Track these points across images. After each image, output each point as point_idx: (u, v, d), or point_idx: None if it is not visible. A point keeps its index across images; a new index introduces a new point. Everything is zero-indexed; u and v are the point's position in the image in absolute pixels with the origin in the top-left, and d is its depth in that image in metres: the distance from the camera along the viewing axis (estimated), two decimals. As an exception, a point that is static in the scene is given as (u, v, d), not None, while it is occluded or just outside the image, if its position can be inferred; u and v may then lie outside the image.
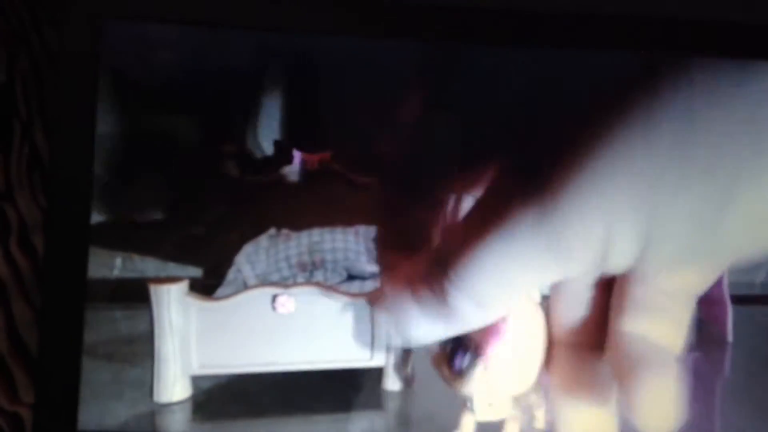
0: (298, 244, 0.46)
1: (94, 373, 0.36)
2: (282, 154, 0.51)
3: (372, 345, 0.36)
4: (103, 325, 0.41)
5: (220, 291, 0.44)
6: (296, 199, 0.52)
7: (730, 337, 0.47)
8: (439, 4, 0.31)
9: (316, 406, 0.36)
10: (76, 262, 0.34)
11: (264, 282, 0.44)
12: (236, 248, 0.46)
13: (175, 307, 0.35)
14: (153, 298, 0.35)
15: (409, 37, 0.32)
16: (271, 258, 0.46)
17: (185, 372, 0.36)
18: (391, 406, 0.36)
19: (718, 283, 0.47)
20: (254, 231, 0.48)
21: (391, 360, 0.36)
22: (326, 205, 0.51)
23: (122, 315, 0.45)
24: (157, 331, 0.35)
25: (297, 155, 0.51)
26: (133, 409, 0.36)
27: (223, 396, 0.37)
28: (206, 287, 0.50)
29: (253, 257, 0.46)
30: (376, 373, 0.36)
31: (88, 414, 0.34)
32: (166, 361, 0.35)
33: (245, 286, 0.44)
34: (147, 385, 0.37)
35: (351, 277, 0.47)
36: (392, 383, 0.36)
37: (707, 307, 0.50)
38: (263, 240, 0.47)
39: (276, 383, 0.37)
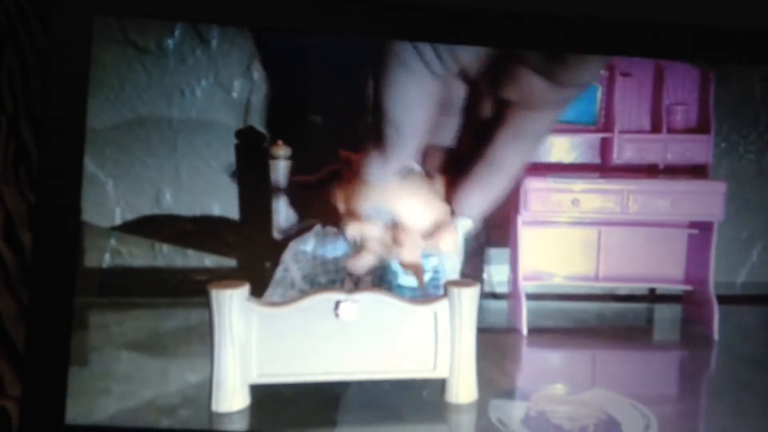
0: (345, 243, 0.45)
1: (83, 367, 0.35)
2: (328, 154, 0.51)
3: (435, 355, 0.34)
4: (90, 318, 0.41)
5: (269, 291, 0.42)
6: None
7: (716, 336, 0.47)
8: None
9: (373, 417, 0.35)
10: (65, 256, 0.34)
11: (311, 283, 0.43)
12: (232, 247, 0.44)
13: (236, 313, 0.33)
14: (214, 304, 0.33)
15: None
16: (318, 257, 0.45)
17: (245, 381, 0.34)
18: (453, 418, 0.34)
19: (705, 285, 0.48)
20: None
21: (455, 372, 0.34)
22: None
23: (110, 307, 0.45)
24: (217, 338, 0.33)
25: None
26: (120, 404, 0.36)
27: (279, 405, 0.36)
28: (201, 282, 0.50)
29: (300, 256, 0.45)
30: (438, 384, 0.35)
31: (75, 408, 0.34)
32: (226, 369, 0.33)
33: (293, 286, 0.43)
34: (137, 380, 0.37)
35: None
36: (454, 395, 0.34)
37: (694, 308, 0.50)
38: (310, 238, 0.46)
39: (334, 392, 0.37)
